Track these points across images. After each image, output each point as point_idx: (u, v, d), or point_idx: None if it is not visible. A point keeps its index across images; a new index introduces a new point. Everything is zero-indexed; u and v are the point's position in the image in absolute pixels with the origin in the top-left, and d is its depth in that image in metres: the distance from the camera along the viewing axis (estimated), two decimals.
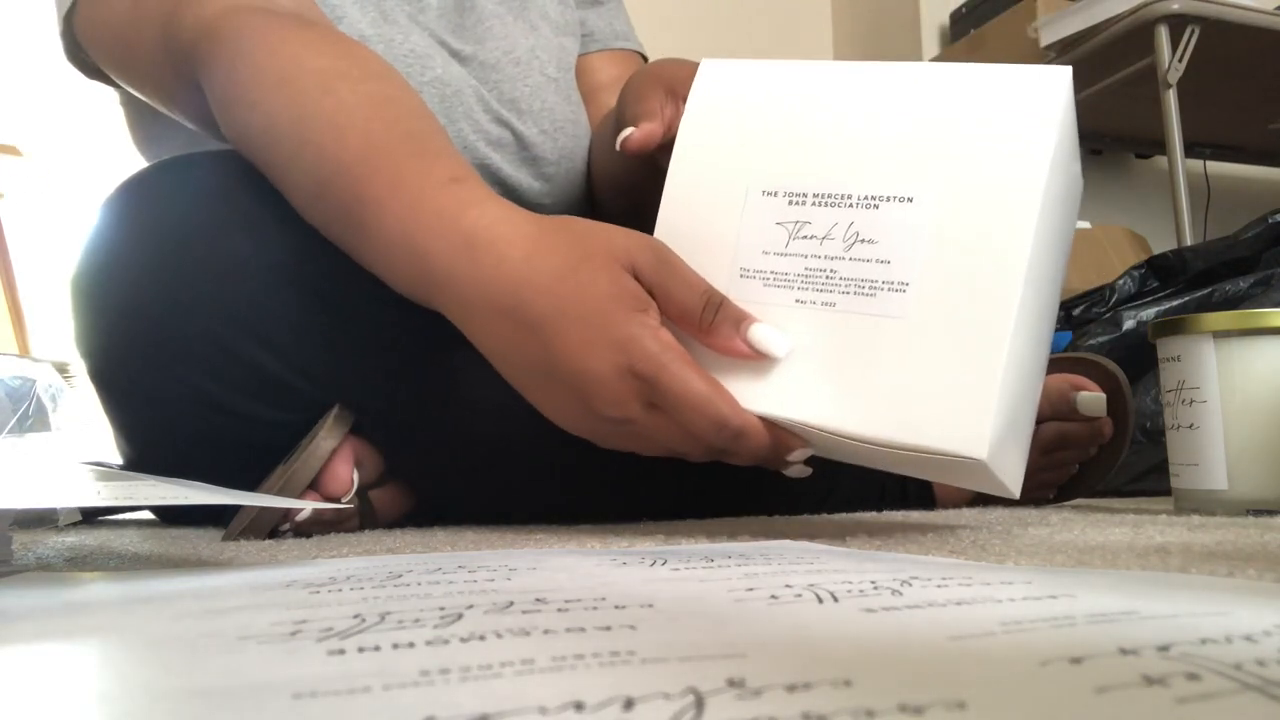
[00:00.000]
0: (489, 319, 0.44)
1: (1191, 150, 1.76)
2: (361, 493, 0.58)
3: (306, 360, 0.55)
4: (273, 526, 0.54)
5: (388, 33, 0.68)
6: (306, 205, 0.51)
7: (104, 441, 0.72)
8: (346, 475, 0.54)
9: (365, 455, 0.58)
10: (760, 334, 0.43)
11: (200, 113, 0.58)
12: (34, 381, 1.19)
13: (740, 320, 0.43)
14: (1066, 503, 0.72)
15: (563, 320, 0.42)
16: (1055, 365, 0.71)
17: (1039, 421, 0.66)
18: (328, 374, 0.56)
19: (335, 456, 0.54)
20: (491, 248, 0.44)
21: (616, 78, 0.82)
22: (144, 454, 0.62)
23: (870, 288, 0.42)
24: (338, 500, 0.54)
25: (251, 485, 0.55)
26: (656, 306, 0.44)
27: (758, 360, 0.43)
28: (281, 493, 0.52)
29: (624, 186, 0.74)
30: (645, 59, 0.88)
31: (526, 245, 0.44)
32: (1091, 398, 0.66)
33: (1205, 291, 0.97)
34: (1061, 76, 0.41)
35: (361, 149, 0.48)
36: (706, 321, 0.43)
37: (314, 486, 0.54)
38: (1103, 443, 0.68)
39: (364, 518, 0.59)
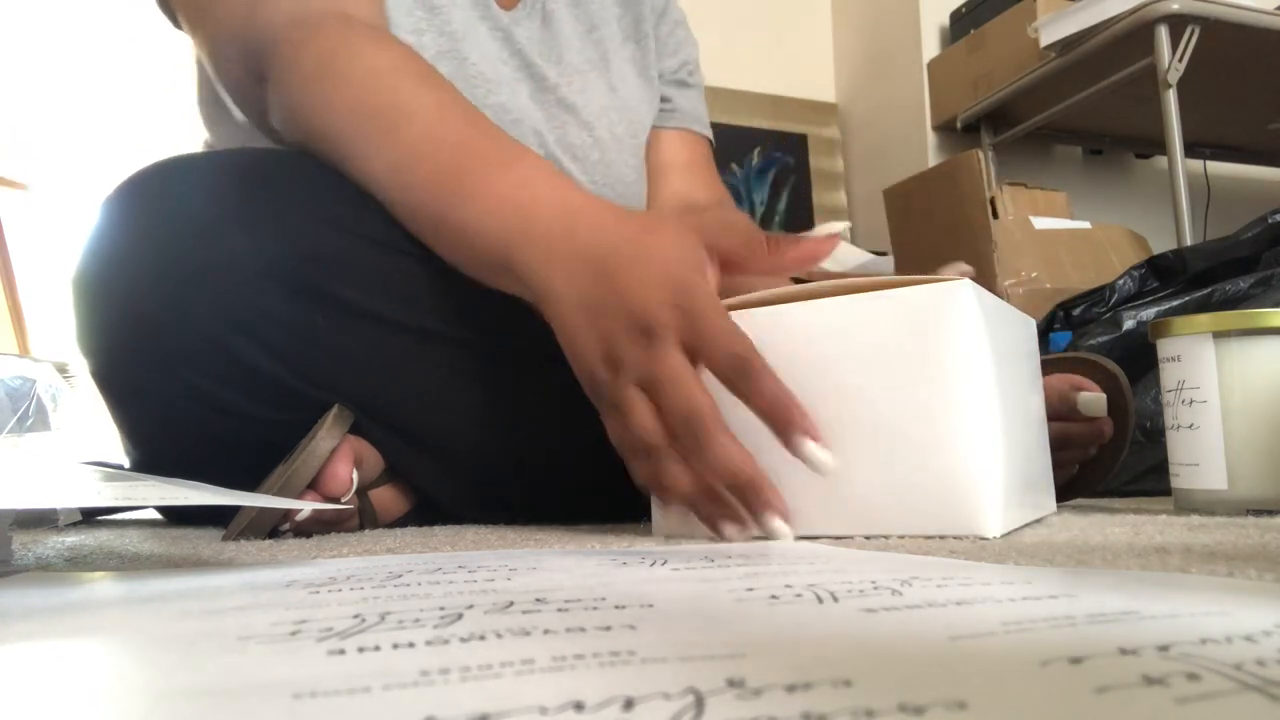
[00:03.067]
0: (574, 269, 0.48)
1: (1191, 150, 1.76)
2: (361, 492, 0.58)
3: (302, 360, 0.56)
4: (273, 526, 0.54)
5: (463, 49, 0.71)
6: (394, 170, 0.56)
7: (104, 441, 0.72)
8: (346, 475, 0.54)
9: (365, 454, 0.58)
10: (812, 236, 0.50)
11: (248, 93, 0.64)
12: (34, 381, 1.19)
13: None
14: (1066, 503, 0.72)
15: (635, 265, 0.46)
16: (1055, 365, 0.71)
17: None
18: (323, 374, 0.56)
19: (334, 456, 0.54)
20: (589, 216, 0.50)
21: (687, 162, 0.88)
22: (147, 453, 0.62)
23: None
24: (337, 500, 0.54)
25: (254, 483, 0.55)
26: (714, 270, 0.48)
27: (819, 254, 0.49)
28: (280, 493, 0.52)
29: None
30: (712, 145, 0.93)
31: (617, 214, 0.50)
32: (1092, 398, 0.66)
33: (1205, 291, 0.97)
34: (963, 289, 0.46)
35: (465, 131, 0.56)
36: (764, 251, 0.49)
37: (313, 486, 0.54)
38: (1103, 443, 0.68)
39: (364, 516, 0.59)
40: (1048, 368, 0.71)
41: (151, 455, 0.62)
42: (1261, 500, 0.53)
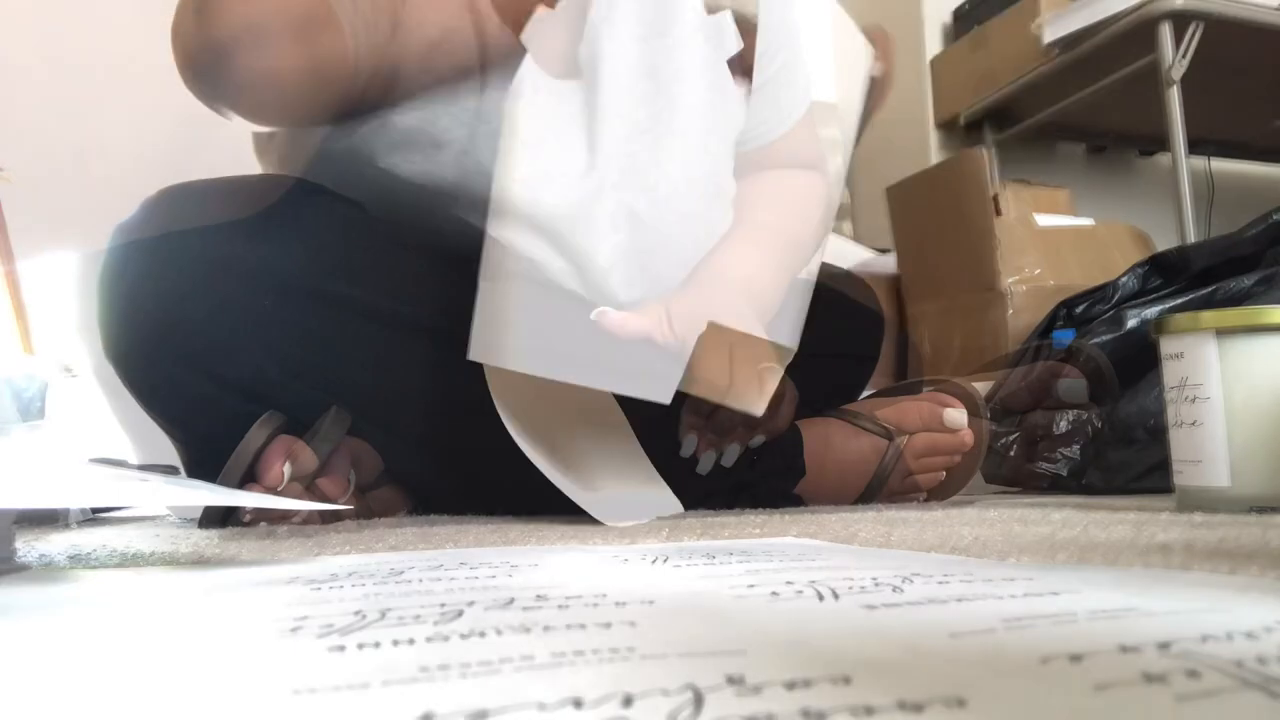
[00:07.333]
0: None
1: (1194, 148, 1.75)
2: (361, 494, 0.59)
3: (288, 355, 0.57)
4: (225, 511, 0.56)
5: None
6: None
7: (104, 439, 0.73)
8: (279, 467, 0.56)
9: (364, 455, 0.58)
10: None
11: None
12: (37, 379, 1.20)
13: None
14: (1065, 500, 0.72)
15: None
16: (925, 389, 0.82)
17: (911, 433, 0.76)
18: (312, 371, 0.57)
19: (268, 449, 0.56)
20: None
21: None
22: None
23: None
24: (274, 491, 0.56)
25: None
26: None
27: None
28: (221, 484, 0.55)
29: None
30: None
31: None
32: (955, 414, 0.77)
33: (1208, 289, 0.97)
34: None
35: None
36: None
37: (253, 479, 0.56)
38: (964, 451, 0.77)
39: (360, 517, 0.59)
40: (917, 390, 0.83)
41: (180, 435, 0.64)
42: (1264, 497, 0.53)
